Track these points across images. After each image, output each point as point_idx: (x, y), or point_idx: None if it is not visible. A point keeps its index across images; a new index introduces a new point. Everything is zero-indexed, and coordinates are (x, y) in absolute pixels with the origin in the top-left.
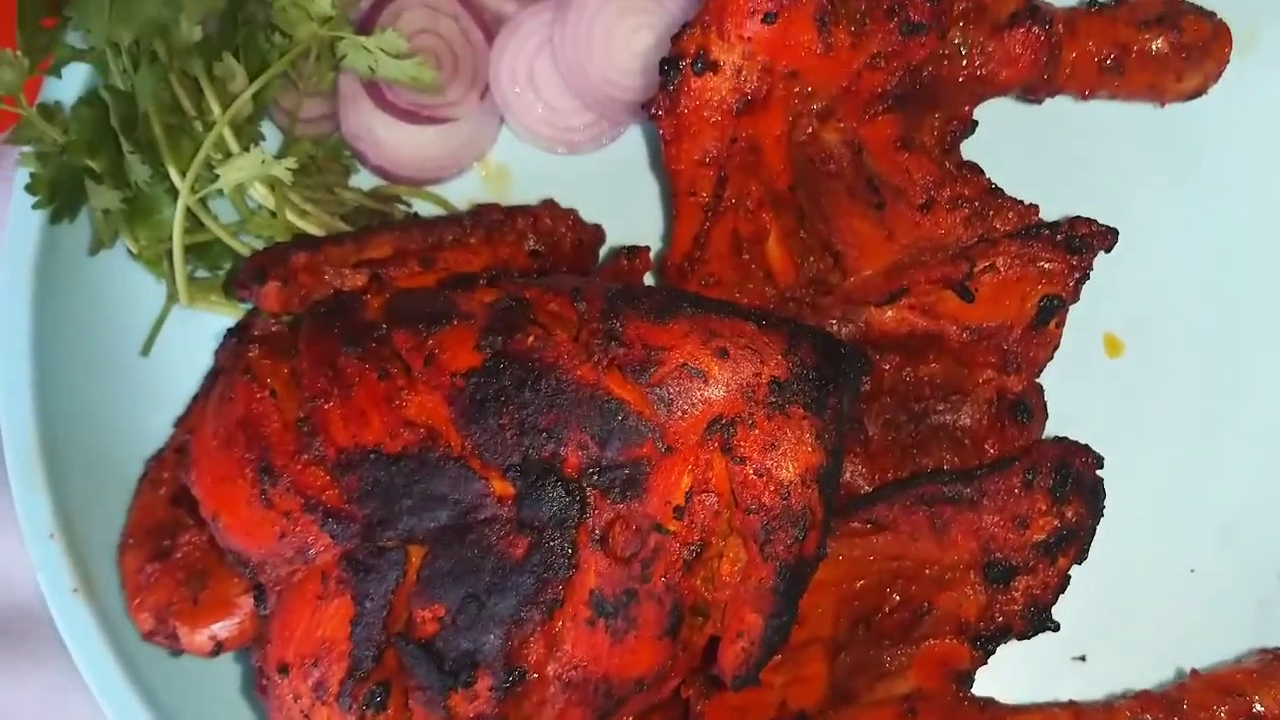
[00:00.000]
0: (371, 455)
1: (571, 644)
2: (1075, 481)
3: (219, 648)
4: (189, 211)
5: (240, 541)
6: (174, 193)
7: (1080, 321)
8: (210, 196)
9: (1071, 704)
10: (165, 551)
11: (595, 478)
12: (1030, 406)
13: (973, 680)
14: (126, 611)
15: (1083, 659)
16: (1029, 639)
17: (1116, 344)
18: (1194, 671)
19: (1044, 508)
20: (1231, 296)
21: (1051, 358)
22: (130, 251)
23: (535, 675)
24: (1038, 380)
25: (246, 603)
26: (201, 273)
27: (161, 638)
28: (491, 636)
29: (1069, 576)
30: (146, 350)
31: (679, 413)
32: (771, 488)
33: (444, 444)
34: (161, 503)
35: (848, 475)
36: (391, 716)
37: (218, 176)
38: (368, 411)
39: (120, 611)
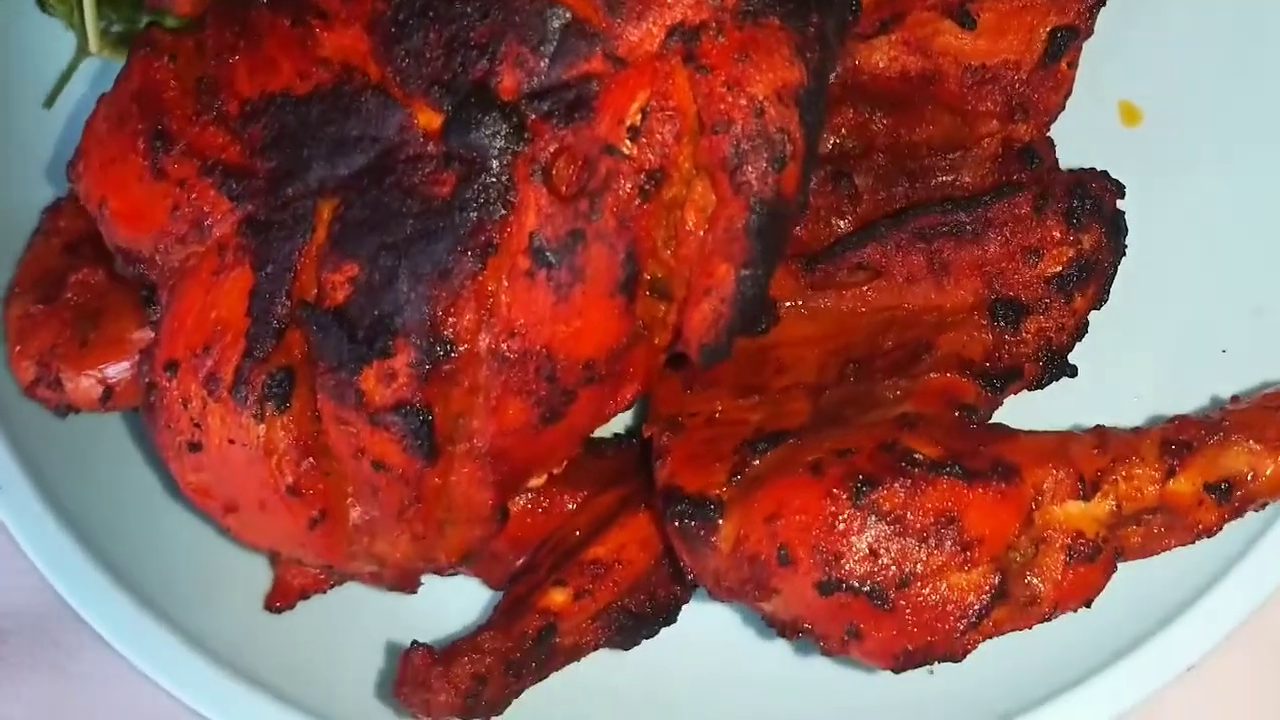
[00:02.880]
0: (278, 100)
1: (508, 303)
2: (1094, 206)
3: (109, 394)
4: None
5: (129, 230)
6: None
7: (1093, 88)
8: None
9: (1099, 429)
10: (54, 296)
11: (536, 103)
12: (1039, 153)
13: (979, 417)
14: (6, 364)
15: None
16: (1043, 387)
17: (1134, 112)
18: (1235, 398)
19: (1058, 236)
20: (1261, 54)
21: (1063, 107)
22: None
23: (464, 348)
24: (1049, 136)
25: (142, 339)
26: (116, 29)
27: (44, 388)
28: (413, 295)
29: (1087, 322)
30: (50, 103)
31: (633, 17)
32: (742, 101)
33: (360, 76)
34: (54, 251)
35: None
36: (295, 414)
37: None
38: (277, 59)
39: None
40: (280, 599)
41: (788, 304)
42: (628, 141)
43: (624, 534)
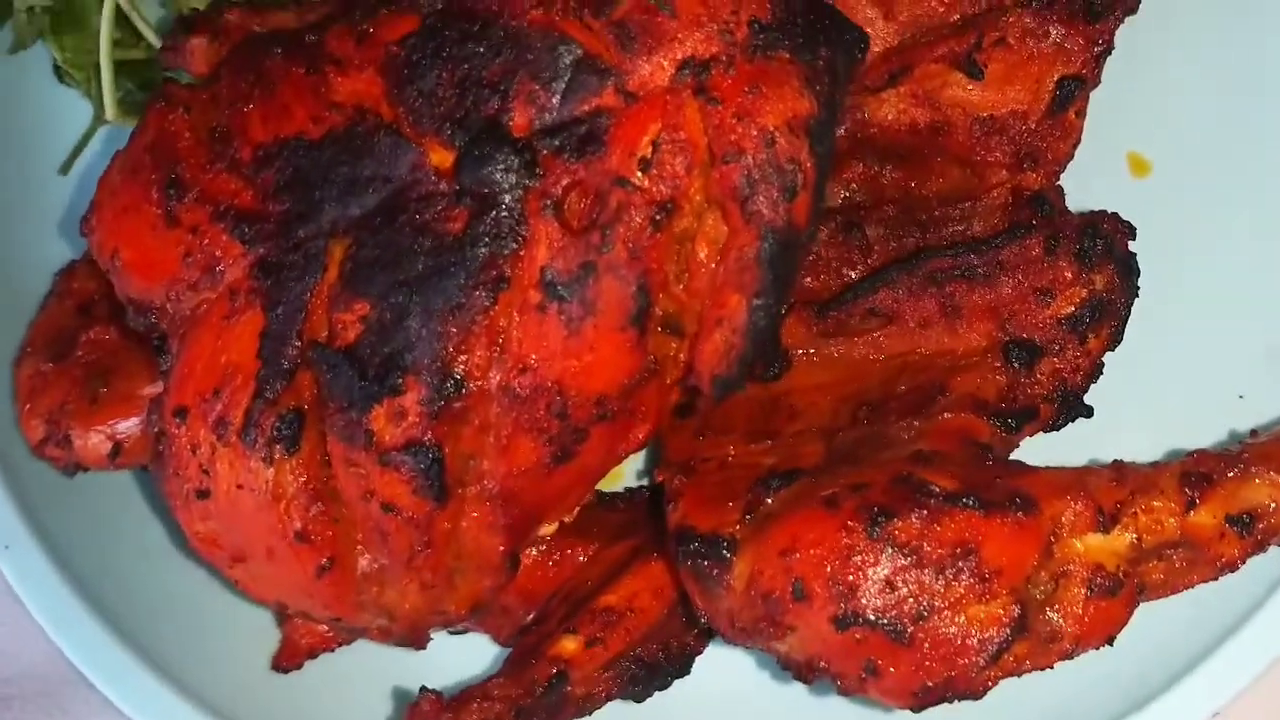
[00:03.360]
0: (291, 144)
1: (519, 338)
2: (1105, 246)
3: (117, 450)
4: (119, 20)
5: (141, 279)
6: None
7: (1101, 140)
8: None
9: (1117, 463)
10: (65, 355)
11: (547, 138)
12: (1050, 200)
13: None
14: (16, 424)
15: None
16: (1059, 429)
17: (1143, 164)
18: (1254, 431)
19: (1070, 276)
20: (1266, 98)
21: (1072, 155)
22: (56, 64)
23: (476, 384)
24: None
25: (153, 394)
26: (132, 98)
27: (53, 446)
28: (424, 331)
29: (1102, 363)
30: (66, 169)
31: (644, 52)
32: (753, 132)
33: (373, 118)
34: (67, 312)
35: None
36: (305, 457)
37: None
38: (291, 105)
39: (20, 451)
40: (287, 659)
41: (800, 352)
42: (639, 173)
43: (636, 582)
